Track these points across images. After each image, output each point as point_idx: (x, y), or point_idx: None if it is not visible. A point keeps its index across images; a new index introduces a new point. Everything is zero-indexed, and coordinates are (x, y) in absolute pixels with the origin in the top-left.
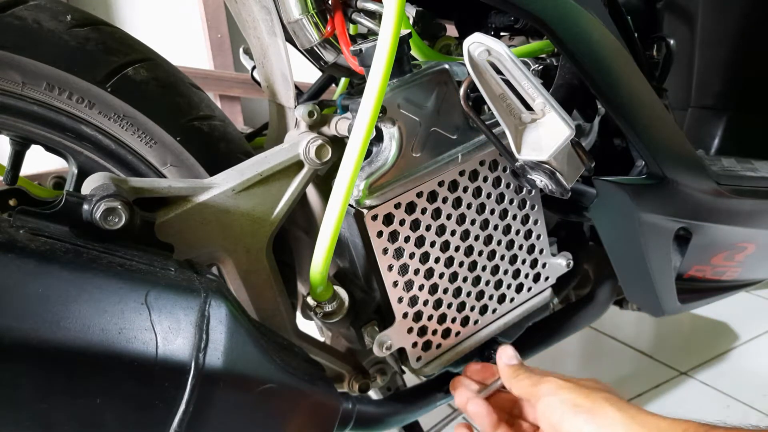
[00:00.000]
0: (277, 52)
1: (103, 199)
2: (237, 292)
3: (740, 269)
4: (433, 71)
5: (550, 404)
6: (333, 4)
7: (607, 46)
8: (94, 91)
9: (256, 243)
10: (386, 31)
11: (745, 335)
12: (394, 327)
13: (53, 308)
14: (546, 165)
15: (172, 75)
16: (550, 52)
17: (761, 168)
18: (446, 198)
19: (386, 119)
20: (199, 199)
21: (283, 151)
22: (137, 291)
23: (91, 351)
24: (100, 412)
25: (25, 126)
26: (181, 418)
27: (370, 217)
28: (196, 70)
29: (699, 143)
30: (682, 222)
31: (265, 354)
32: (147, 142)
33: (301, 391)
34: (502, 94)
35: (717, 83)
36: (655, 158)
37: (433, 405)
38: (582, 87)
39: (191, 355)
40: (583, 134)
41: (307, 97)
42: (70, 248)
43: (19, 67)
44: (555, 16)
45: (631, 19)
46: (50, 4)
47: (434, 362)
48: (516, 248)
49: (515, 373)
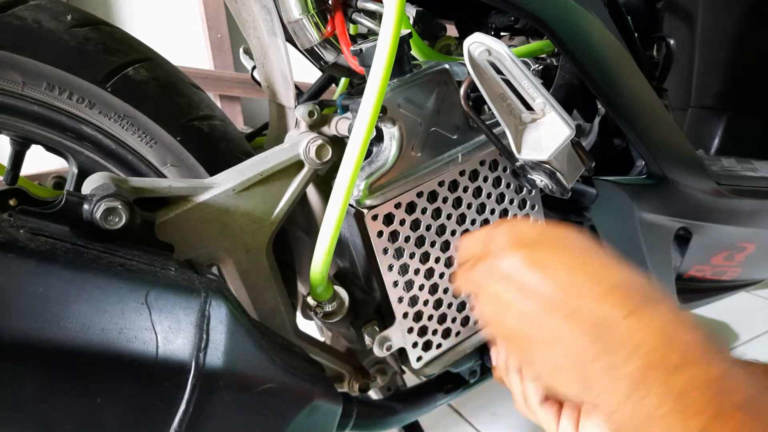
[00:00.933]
0: (277, 52)
1: (104, 198)
2: (237, 292)
3: (740, 269)
4: (434, 71)
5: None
6: (333, 4)
7: (607, 46)
8: (95, 91)
9: (257, 243)
10: (386, 31)
11: (745, 335)
12: (394, 327)
13: (54, 308)
14: (546, 165)
15: (172, 75)
16: (550, 52)
17: (761, 168)
18: (446, 198)
19: (386, 119)
20: (199, 199)
21: (283, 151)
22: (137, 291)
23: (92, 351)
24: (100, 412)
25: (25, 126)
26: (182, 417)
27: (371, 217)
28: (196, 70)
29: (699, 143)
30: (682, 222)
31: (265, 354)
32: (147, 142)
33: (301, 391)
34: (502, 94)
35: (717, 83)
36: (655, 158)
37: (433, 405)
38: (582, 87)
39: (191, 354)
40: (583, 134)
41: (307, 97)
42: (71, 248)
43: (20, 67)
44: (555, 16)
45: (631, 19)
46: (50, 4)
47: (434, 362)
48: None
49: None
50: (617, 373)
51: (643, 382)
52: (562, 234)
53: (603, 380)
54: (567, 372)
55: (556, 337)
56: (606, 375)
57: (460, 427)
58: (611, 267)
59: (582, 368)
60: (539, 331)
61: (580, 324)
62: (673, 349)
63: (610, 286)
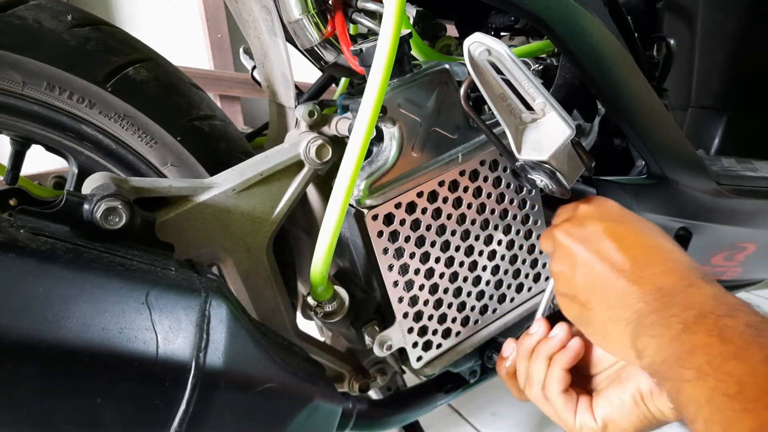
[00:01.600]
0: (278, 52)
1: (104, 198)
2: (237, 291)
3: (740, 269)
4: (434, 71)
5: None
6: (333, 4)
7: (607, 46)
8: (95, 91)
9: (257, 243)
10: (386, 31)
11: None
12: (394, 327)
13: (54, 308)
14: (546, 165)
15: (172, 75)
16: (550, 52)
17: (761, 168)
18: (446, 198)
19: (386, 119)
20: (199, 199)
21: (283, 151)
22: (138, 291)
23: (92, 350)
24: (100, 412)
25: (25, 126)
26: (182, 417)
27: (371, 216)
28: (196, 70)
29: (699, 143)
30: (682, 222)
31: (265, 354)
32: (147, 142)
33: (301, 391)
34: (502, 93)
35: (717, 83)
36: (655, 158)
37: (433, 405)
38: (582, 87)
39: (192, 354)
40: (583, 134)
41: (307, 97)
42: (71, 248)
43: (20, 66)
44: (555, 16)
45: (631, 19)
46: (51, 4)
47: (434, 362)
48: (516, 248)
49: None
50: (672, 320)
51: (695, 324)
52: (639, 218)
53: (654, 329)
54: (621, 328)
55: (620, 295)
56: (659, 325)
57: (460, 427)
58: (675, 251)
59: (638, 323)
60: (605, 289)
61: (645, 287)
62: (722, 304)
63: (674, 263)
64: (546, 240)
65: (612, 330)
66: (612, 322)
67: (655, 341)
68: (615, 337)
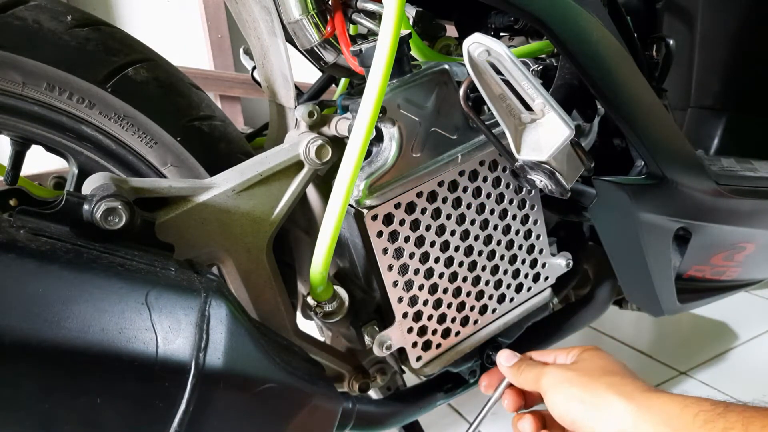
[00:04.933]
0: (278, 53)
1: (104, 199)
2: (237, 292)
3: (740, 269)
4: (433, 71)
5: (555, 401)
6: (333, 4)
7: (606, 46)
8: (95, 92)
9: (257, 243)
10: (386, 32)
11: (744, 335)
12: (394, 327)
13: (54, 308)
14: (546, 165)
15: (172, 75)
16: (550, 52)
17: (761, 168)
18: (446, 198)
19: (386, 119)
20: (199, 199)
21: (283, 151)
22: (137, 291)
23: (92, 351)
24: (100, 412)
25: (25, 126)
26: (182, 417)
27: (370, 217)
28: (196, 70)
29: (699, 143)
30: (681, 222)
31: (265, 354)
32: (147, 143)
33: (301, 391)
34: (501, 94)
35: (717, 83)
36: (655, 158)
37: (433, 405)
38: (582, 87)
39: (191, 354)
40: (583, 134)
41: (307, 97)
42: (71, 248)
43: (20, 67)
44: (555, 16)
45: (631, 19)
46: (50, 5)
47: (434, 362)
48: (516, 248)
49: (518, 371)
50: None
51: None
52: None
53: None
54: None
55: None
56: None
57: (460, 427)
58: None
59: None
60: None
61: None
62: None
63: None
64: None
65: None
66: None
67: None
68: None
